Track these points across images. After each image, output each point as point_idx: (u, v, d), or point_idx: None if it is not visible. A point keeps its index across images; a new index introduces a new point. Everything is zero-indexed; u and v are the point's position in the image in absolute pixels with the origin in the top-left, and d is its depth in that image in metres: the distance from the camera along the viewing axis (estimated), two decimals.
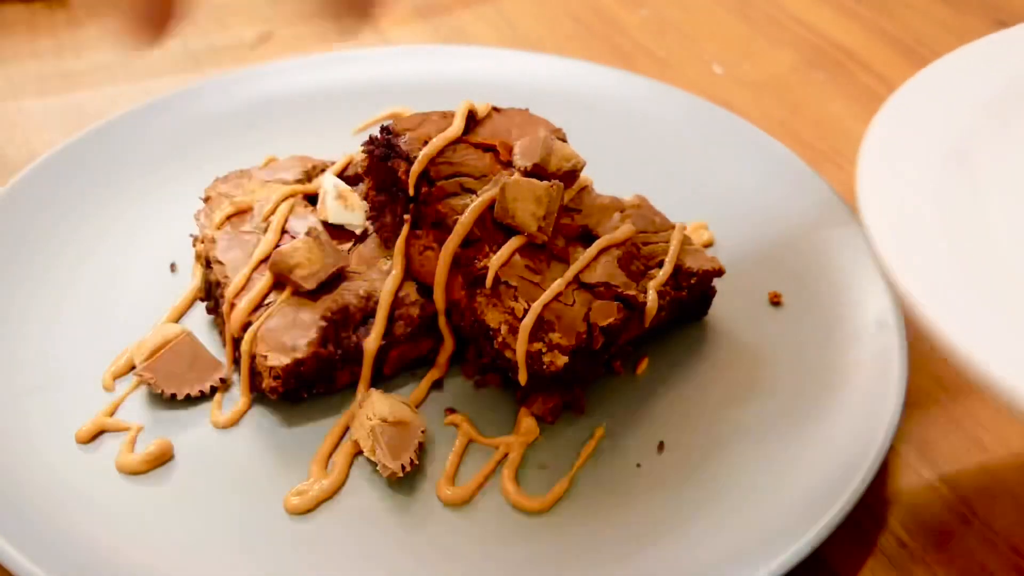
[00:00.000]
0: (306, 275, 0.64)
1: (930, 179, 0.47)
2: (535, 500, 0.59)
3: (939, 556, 0.58)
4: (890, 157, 0.47)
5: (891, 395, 0.60)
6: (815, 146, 0.90)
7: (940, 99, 0.51)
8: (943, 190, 0.46)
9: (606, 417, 0.64)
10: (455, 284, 0.64)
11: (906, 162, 0.47)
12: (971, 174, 0.48)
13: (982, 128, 0.50)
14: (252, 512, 0.59)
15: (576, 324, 0.60)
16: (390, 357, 0.66)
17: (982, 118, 0.50)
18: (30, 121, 0.92)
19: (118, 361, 0.67)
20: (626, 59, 1.02)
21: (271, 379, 0.62)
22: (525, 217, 0.62)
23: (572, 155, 0.66)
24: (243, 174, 0.74)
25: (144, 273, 0.73)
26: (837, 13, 1.10)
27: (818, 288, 0.70)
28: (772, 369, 0.66)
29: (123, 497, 0.59)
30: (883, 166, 0.46)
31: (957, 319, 0.40)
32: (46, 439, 0.62)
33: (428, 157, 0.66)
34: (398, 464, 0.59)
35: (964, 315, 0.40)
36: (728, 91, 0.97)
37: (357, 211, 0.70)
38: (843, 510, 0.55)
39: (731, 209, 0.78)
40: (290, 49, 1.03)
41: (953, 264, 0.43)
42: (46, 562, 0.53)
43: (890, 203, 0.44)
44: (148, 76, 0.99)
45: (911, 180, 0.46)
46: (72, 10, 1.08)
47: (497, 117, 0.71)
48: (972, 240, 0.45)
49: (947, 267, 0.43)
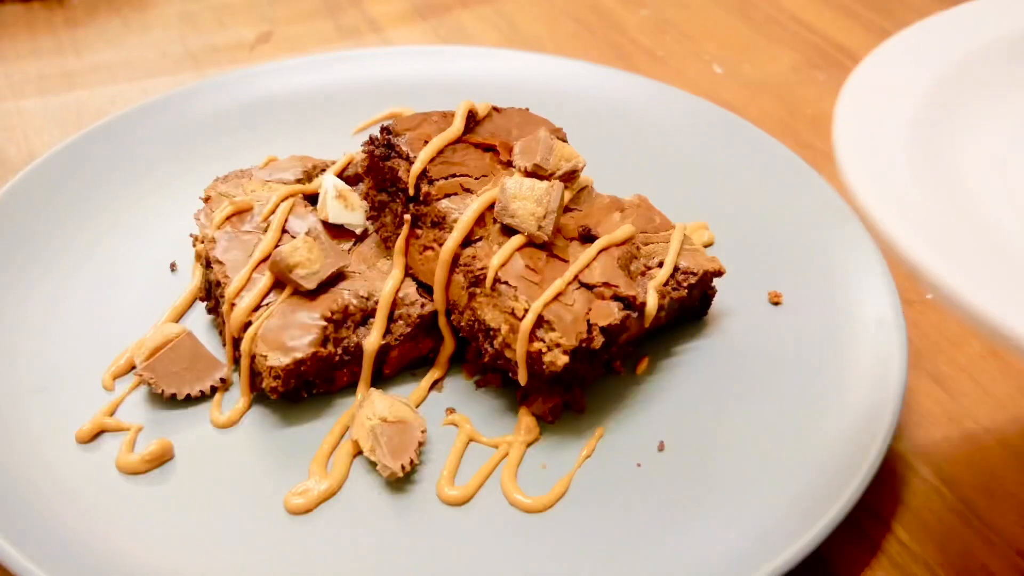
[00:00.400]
0: (306, 275, 0.64)
1: (902, 132, 0.48)
2: (535, 500, 0.59)
3: (939, 556, 0.58)
4: (864, 113, 0.48)
5: (891, 395, 0.60)
6: (815, 146, 0.90)
7: (909, 62, 0.53)
8: (915, 140, 0.48)
9: (606, 417, 0.64)
10: (455, 284, 0.64)
11: (879, 117, 0.49)
12: (941, 128, 0.49)
13: (950, 87, 0.51)
14: (252, 512, 0.59)
15: (576, 324, 0.60)
16: (390, 357, 0.66)
17: (951, 78, 0.52)
18: (30, 121, 0.92)
19: (118, 361, 0.67)
20: (626, 59, 1.02)
21: (271, 379, 0.62)
22: (525, 217, 0.62)
23: (572, 155, 0.66)
24: (243, 174, 0.74)
25: (144, 273, 0.73)
26: (837, 13, 1.10)
27: (818, 288, 0.70)
28: (772, 369, 0.66)
29: (123, 497, 0.59)
30: (857, 122, 0.48)
31: (938, 251, 0.42)
32: (46, 439, 0.62)
33: (428, 157, 0.66)
34: (398, 464, 0.59)
35: (941, 244, 0.42)
36: (728, 91, 0.97)
37: (357, 211, 0.70)
38: (843, 510, 0.55)
39: (731, 209, 0.78)
40: (290, 49, 1.03)
41: (926, 199, 0.45)
42: (46, 562, 0.53)
43: (866, 154, 0.46)
44: (148, 76, 0.99)
45: (885, 133, 0.48)
46: (71, 10, 1.08)
47: (497, 117, 0.71)
48: (945, 183, 0.46)
49: (920, 203, 0.45)
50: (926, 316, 0.73)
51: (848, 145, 0.46)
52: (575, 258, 0.63)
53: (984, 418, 0.66)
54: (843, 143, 0.46)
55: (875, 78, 0.51)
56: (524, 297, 0.60)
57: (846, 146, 0.46)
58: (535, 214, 0.62)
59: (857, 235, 0.72)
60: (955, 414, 0.66)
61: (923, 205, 0.44)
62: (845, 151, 0.46)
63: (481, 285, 0.62)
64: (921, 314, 0.73)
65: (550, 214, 0.62)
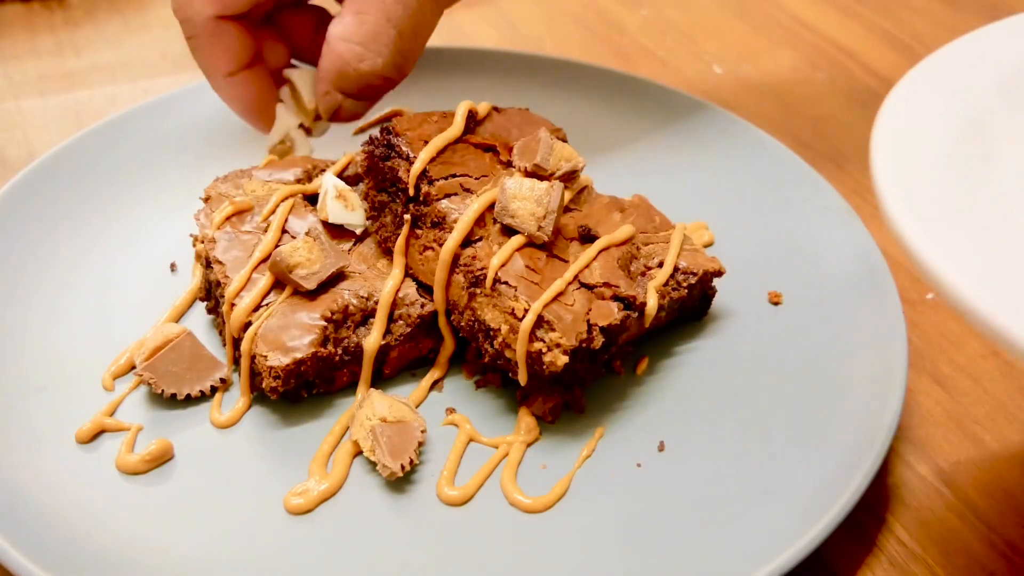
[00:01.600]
0: (306, 275, 0.64)
1: (944, 151, 0.47)
2: (535, 500, 0.59)
3: (939, 556, 0.58)
4: (904, 133, 0.47)
5: (891, 395, 0.60)
6: (815, 146, 0.90)
7: (951, 79, 0.52)
8: (956, 161, 0.47)
9: (606, 417, 0.64)
10: (455, 284, 0.64)
11: (920, 136, 0.47)
12: (984, 147, 0.48)
13: (995, 105, 0.50)
14: (252, 512, 0.59)
15: (576, 324, 0.60)
16: (390, 357, 0.66)
17: (995, 96, 0.51)
18: (30, 121, 0.92)
19: (118, 361, 0.67)
20: (626, 59, 1.02)
21: (271, 379, 0.62)
22: (525, 217, 0.62)
23: (572, 155, 0.66)
24: (243, 174, 0.74)
25: (144, 273, 0.73)
26: (837, 13, 1.10)
27: (818, 288, 0.70)
28: (772, 369, 0.66)
29: (123, 497, 0.59)
30: (897, 144, 0.46)
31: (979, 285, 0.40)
32: (46, 439, 0.62)
33: (428, 157, 0.66)
34: (398, 464, 0.59)
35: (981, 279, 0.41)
36: (728, 91, 0.97)
37: (357, 211, 0.70)
38: (843, 510, 0.55)
39: (731, 209, 0.78)
40: None
41: (969, 230, 0.43)
42: (46, 562, 0.53)
43: (906, 177, 0.45)
44: (148, 76, 0.99)
45: (925, 152, 0.46)
46: (71, 10, 1.08)
47: (497, 117, 0.71)
48: (986, 207, 0.45)
49: (963, 234, 0.43)
50: (926, 316, 0.73)
51: (888, 176, 0.45)
52: (575, 258, 0.63)
53: (984, 418, 0.66)
54: (883, 173, 0.45)
55: (912, 103, 0.50)
56: (524, 297, 0.60)
57: (886, 178, 0.45)
58: (535, 214, 0.62)
59: (857, 235, 0.72)
60: (955, 414, 0.66)
61: (973, 247, 0.42)
62: (886, 184, 0.44)
63: (481, 285, 0.62)
64: (921, 314, 0.73)
65: (550, 214, 0.62)
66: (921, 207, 0.43)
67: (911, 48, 1.03)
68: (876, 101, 0.95)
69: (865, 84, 0.98)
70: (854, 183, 0.86)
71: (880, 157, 0.46)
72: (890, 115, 0.49)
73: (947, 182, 0.45)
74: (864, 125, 0.93)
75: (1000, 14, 0.58)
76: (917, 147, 0.47)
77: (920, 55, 1.01)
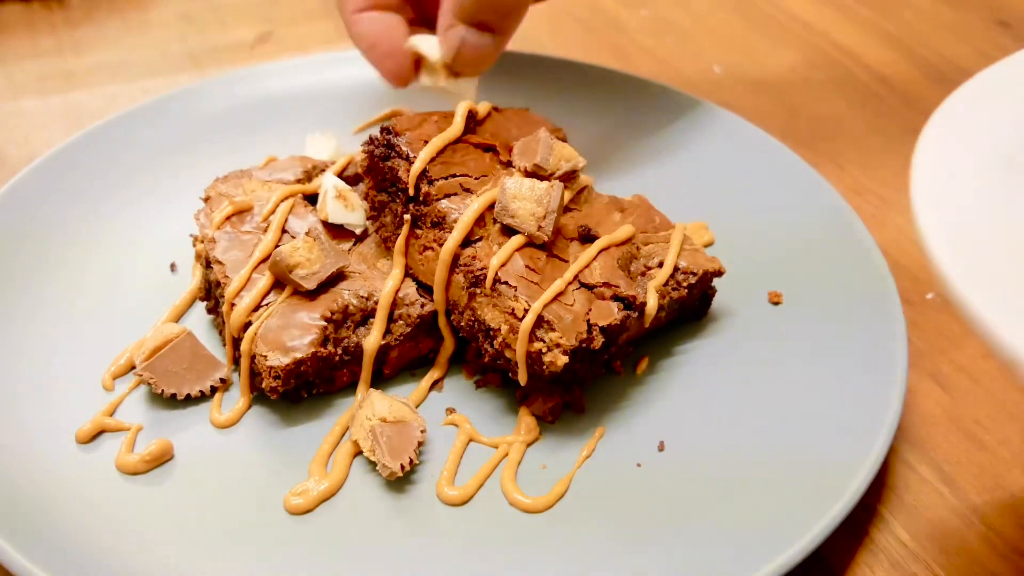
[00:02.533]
0: (306, 275, 0.64)
1: (985, 184, 0.46)
2: (535, 500, 0.59)
3: (939, 556, 0.58)
4: (943, 164, 0.46)
5: (891, 395, 0.60)
6: (815, 146, 0.90)
7: (991, 108, 0.51)
8: (998, 195, 0.46)
9: (606, 417, 0.64)
10: (455, 284, 0.64)
11: (959, 168, 0.47)
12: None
13: None
14: (252, 512, 0.59)
15: (576, 324, 0.60)
16: (390, 357, 0.66)
17: None
18: (30, 121, 0.92)
19: (118, 361, 0.67)
20: (626, 59, 1.02)
21: (271, 379, 0.62)
22: (525, 217, 0.62)
23: (572, 155, 0.66)
24: (243, 174, 0.74)
25: (144, 273, 0.73)
26: (837, 13, 1.10)
27: (818, 288, 0.70)
28: (772, 369, 0.66)
29: (123, 497, 0.59)
30: (937, 174, 0.46)
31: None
32: (46, 439, 0.62)
33: (428, 157, 0.66)
34: (398, 464, 0.59)
35: None
36: (728, 91, 0.97)
37: (357, 211, 0.70)
38: (843, 510, 0.55)
39: (731, 209, 0.78)
40: (290, 49, 1.03)
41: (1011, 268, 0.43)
42: (46, 562, 0.53)
43: (945, 210, 0.44)
44: (148, 76, 0.99)
45: (965, 184, 0.46)
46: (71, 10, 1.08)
47: (497, 117, 0.71)
48: None
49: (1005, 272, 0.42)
50: (926, 316, 0.73)
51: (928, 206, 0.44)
52: (575, 258, 0.63)
53: (984, 418, 0.66)
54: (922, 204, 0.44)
55: (954, 128, 0.49)
56: (524, 297, 0.60)
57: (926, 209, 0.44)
58: (535, 214, 0.62)
59: (857, 235, 0.72)
60: (955, 414, 0.66)
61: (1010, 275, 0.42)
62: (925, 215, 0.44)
63: (481, 285, 0.62)
64: (921, 314, 0.73)
65: (550, 214, 0.62)
66: (970, 260, 0.42)
67: (911, 48, 1.03)
68: (876, 101, 0.95)
69: (865, 84, 0.98)
70: (854, 183, 0.86)
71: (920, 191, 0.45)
72: (930, 143, 0.48)
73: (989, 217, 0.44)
74: (864, 125, 0.93)
75: (1001, 14, 0.58)
76: (958, 181, 0.46)
77: (920, 55, 1.01)
